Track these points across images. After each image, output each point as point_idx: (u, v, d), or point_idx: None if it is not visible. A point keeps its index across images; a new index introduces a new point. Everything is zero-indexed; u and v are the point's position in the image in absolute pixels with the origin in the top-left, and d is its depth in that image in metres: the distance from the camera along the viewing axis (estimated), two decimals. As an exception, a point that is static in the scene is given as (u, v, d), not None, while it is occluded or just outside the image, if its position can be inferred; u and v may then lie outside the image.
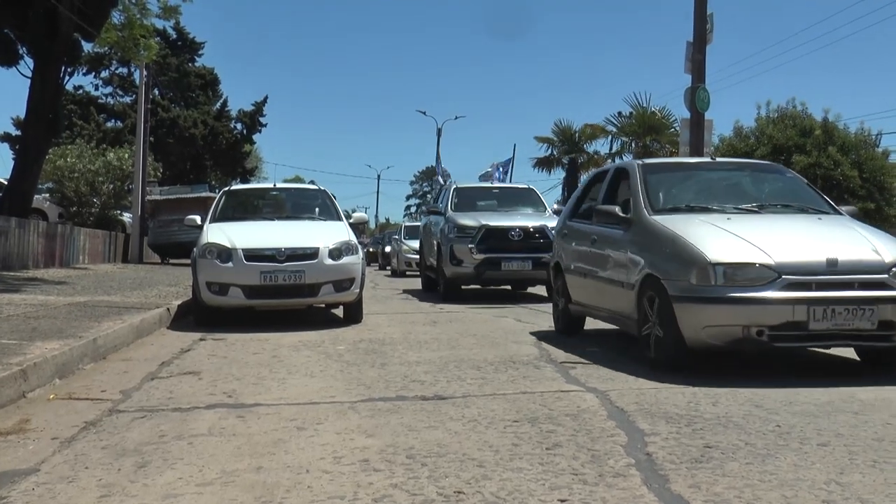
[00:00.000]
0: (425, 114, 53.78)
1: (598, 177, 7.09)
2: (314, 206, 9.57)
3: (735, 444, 3.15)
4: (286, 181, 25.88)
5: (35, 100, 14.18)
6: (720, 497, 2.52)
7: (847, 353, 5.33)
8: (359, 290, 8.00)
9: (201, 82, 37.92)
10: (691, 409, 3.79)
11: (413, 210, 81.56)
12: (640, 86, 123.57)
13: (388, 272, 24.51)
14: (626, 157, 26.56)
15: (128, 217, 22.49)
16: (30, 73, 14.26)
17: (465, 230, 11.03)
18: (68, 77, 15.85)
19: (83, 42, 15.82)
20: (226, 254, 7.68)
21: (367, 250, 23.58)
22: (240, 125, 37.91)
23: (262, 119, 38.60)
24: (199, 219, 8.92)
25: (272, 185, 10.93)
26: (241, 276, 7.58)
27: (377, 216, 75.22)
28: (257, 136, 39.53)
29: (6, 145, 33.34)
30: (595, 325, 6.81)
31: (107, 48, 24.39)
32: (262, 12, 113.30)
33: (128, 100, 35.53)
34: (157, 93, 33.60)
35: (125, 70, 36.18)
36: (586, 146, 31.51)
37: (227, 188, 10.48)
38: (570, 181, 30.75)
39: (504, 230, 10.94)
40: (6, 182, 15.82)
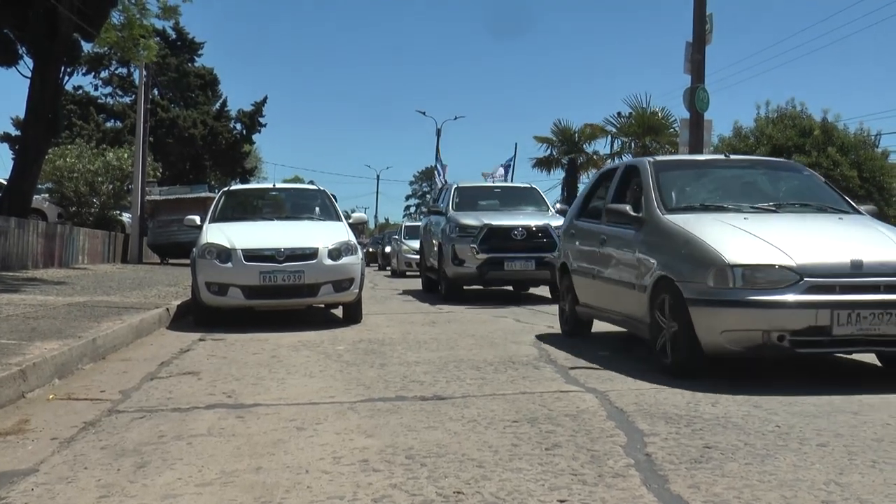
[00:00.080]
0: (425, 114, 53.93)
1: (606, 175, 6.87)
2: (313, 206, 9.57)
3: (734, 444, 3.15)
4: (285, 181, 25.93)
5: (34, 100, 14.17)
6: (719, 497, 2.52)
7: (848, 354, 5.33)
8: (358, 291, 8.01)
9: (201, 82, 37.93)
10: (690, 409, 3.79)
11: (412, 210, 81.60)
12: (639, 86, 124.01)
13: (388, 272, 24.49)
14: (626, 158, 26.54)
15: (127, 217, 22.48)
16: (29, 73, 14.25)
17: (467, 230, 10.89)
18: (68, 77, 15.86)
19: (83, 42, 15.82)
20: (225, 254, 7.68)
21: (366, 250, 23.60)
22: (239, 125, 37.91)
23: (261, 119, 38.61)
24: (198, 219, 8.92)
25: (271, 186, 10.94)
26: (241, 277, 7.59)
27: (376, 216, 75.33)
28: (257, 137, 39.60)
29: (6, 145, 33.35)
30: (598, 327, 6.80)
31: (106, 48, 24.35)
32: (262, 12, 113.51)
33: (127, 100, 35.53)
34: (157, 93, 33.61)
35: (125, 70, 36.21)
36: (586, 146, 31.51)
37: (227, 188, 10.49)
38: (570, 181, 30.76)
39: (507, 229, 10.80)
40: (6, 182, 15.82)
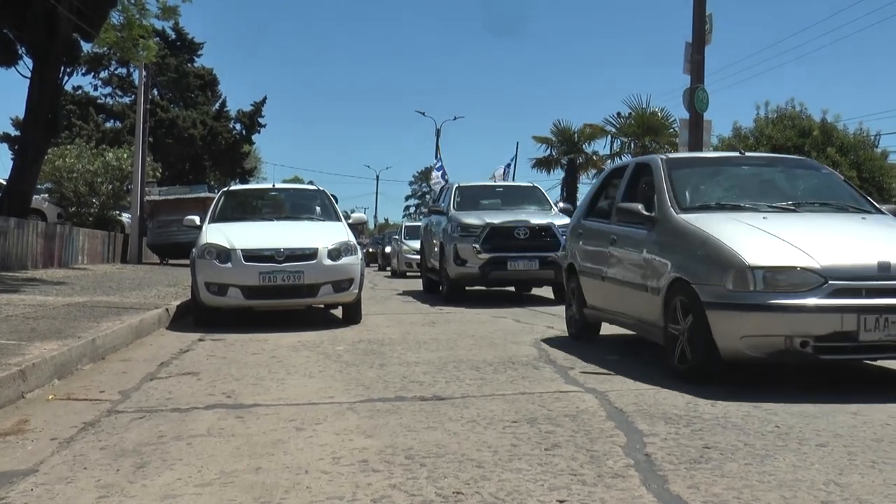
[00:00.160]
0: (424, 114, 54.04)
1: (615, 173, 6.68)
2: (313, 206, 9.56)
3: (734, 444, 3.15)
4: (285, 181, 25.95)
5: (34, 100, 14.17)
6: (719, 498, 2.52)
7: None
8: (358, 291, 8.01)
9: (200, 83, 37.93)
10: (690, 409, 3.79)
11: (412, 210, 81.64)
12: (639, 86, 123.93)
13: (388, 273, 24.47)
14: (626, 158, 26.55)
15: (127, 217, 22.48)
16: (29, 74, 14.25)
17: (469, 229, 10.69)
18: (67, 77, 15.87)
19: (82, 42, 15.83)
20: (225, 254, 7.68)
21: (366, 251, 23.58)
22: (239, 125, 37.92)
23: (261, 119, 38.63)
24: (198, 219, 8.92)
25: (271, 186, 10.95)
26: (240, 277, 7.59)
27: (376, 217, 75.34)
28: (256, 137, 39.60)
29: (5, 146, 33.33)
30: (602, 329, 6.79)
31: (106, 48, 24.33)
32: (262, 12, 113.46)
33: (127, 100, 35.54)
34: (156, 93, 33.63)
35: (124, 70, 36.21)
36: (585, 146, 31.51)
37: (226, 188, 10.48)
38: (569, 182, 30.74)
39: (510, 229, 10.60)
40: (5, 182, 15.82)
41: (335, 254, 7.85)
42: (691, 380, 4.43)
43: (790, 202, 5.28)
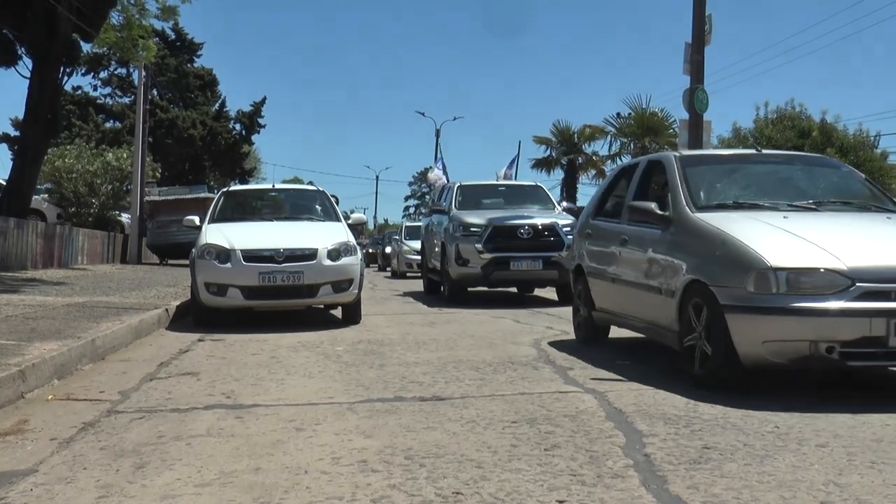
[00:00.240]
0: (424, 115, 54.13)
1: (625, 171, 6.46)
2: (313, 206, 9.57)
3: (733, 444, 3.15)
4: (285, 182, 25.95)
5: (33, 100, 14.18)
6: (718, 498, 2.52)
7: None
8: (357, 291, 8.01)
9: (200, 83, 37.96)
10: (689, 409, 3.79)
11: (412, 211, 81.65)
12: (639, 87, 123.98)
13: (388, 273, 24.46)
14: (626, 159, 26.57)
15: (126, 218, 22.48)
16: (28, 74, 14.26)
17: (472, 229, 10.52)
18: (67, 77, 15.87)
19: (82, 42, 15.83)
20: (224, 254, 7.68)
21: (366, 251, 23.59)
22: (238, 126, 37.96)
23: (260, 120, 38.68)
24: (197, 219, 8.93)
25: (271, 186, 10.95)
26: (240, 277, 7.59)
27: (376, 217, 75.31)
28: (256, 137, 39.68)
29: (5, 146, 33.39)
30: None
31: (105, 49, 24.36)
32: (261, 13, 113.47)
33: (126, 100, 35.56)
34: (156, 93, 33.67)
35: (124, 70, 36.24)
36: (585, 147, 31.51)
37: (226, 189, 10.48)
38: (569, 182, 30.75)
39: (513, 228, 10.42)
40: (5, 183, 15.82)
41: (335, 254, 7.85)
42: (709, 387, 4.22)
43: (811, 201, 5.08)
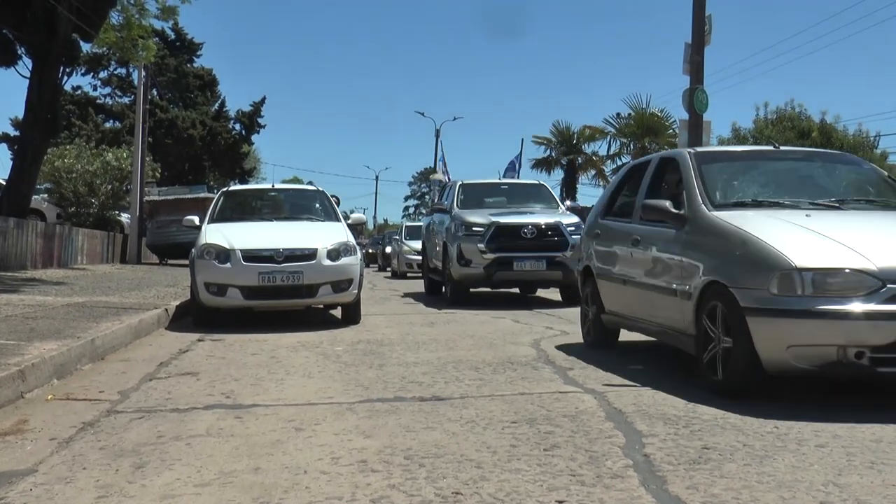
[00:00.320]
0: (423, 115, 54.18)
1: (636, 169, 6.23)
2: (312, 206, 9.57)
3: (733, 445, 3.15)
4: (284, 182, 25.96)
5: (33, 100, 14.17)
6: (718, 498, 2.52)
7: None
8: (357, 291, 8.01)
9: (199, 83, 37.97)
10: (689, 410, 3.79)
11: (411, 211, 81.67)
12: (639, 87, 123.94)
13: (388, 274, 24.45)
14: (625, 159, 26.57)
15: (126, 217, 22.47)
16: (28, 74, 14.26)
17: (474, 228, 10.34)
18: (67, 77, 15.86)
19: (81, 42, 15.82)
20: (224, 254, 7.68)
21: (365, 251, 23.57)
22: (238, 126, 37.96)
23: (260, 120, 38.66)
24: (197, 219, 8.93)
25: (270, 186, 10.95)
26: (240, 277, 7.59)
27: (375, 217, 75.29)
28: (256, 137, 39.66)
29: (4, 146, 33.38)
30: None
31: (105, 49, 24.30)
32: (261, 13, 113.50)
33: (126, 100, 35.56)
34: (156, 93, 33.65)
35: (123, 70, 36.24)
36: (585, 147, 31.51)
37: (226, 189, 10.48)
38: (569, 182, 30.75)
39: (516, 228, 10.23)
40: (4, 182, 15.82)
41: (334, 254, 7.85)
42: (729, 395, 4.04)
43: (833, 199, 4.89)
